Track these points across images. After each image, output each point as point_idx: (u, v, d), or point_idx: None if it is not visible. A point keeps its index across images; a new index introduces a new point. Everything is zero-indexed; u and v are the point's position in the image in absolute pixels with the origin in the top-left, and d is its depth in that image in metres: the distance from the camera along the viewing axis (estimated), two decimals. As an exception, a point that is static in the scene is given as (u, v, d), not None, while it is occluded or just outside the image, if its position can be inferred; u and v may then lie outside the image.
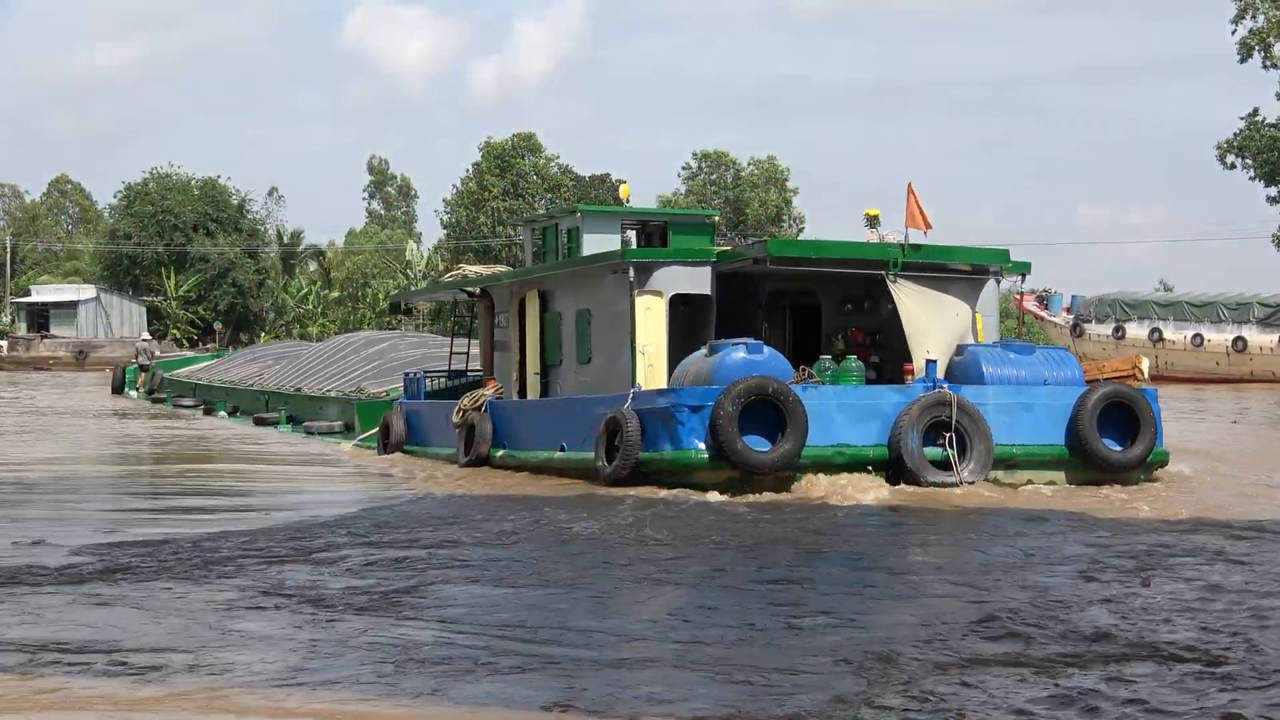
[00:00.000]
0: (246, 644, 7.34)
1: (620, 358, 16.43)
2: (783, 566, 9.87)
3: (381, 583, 9.11)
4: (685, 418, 14.08)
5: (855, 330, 18.03)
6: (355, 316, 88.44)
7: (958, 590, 8.81)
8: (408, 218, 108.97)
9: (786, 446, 13.79)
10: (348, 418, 27.21)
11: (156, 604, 8.40)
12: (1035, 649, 7.02)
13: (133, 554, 10.41)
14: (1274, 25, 63.25)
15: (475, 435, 18.09)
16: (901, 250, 16.18)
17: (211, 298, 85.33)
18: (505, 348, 19.88)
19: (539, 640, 7.34)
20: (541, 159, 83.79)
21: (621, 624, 7.98)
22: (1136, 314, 55.76)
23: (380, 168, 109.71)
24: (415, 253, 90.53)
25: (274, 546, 10.83)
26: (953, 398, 14.30)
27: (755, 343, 14.88)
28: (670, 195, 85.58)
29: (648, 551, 10.59)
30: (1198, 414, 29.31)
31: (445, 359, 27.25)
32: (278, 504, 14.85)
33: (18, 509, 14.07)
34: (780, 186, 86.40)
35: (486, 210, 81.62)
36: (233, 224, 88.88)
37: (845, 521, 12.22)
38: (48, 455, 21.42)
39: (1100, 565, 9.69)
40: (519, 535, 11.62)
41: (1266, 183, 66.18)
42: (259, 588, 8.97)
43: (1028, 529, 11.67)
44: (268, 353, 45.04)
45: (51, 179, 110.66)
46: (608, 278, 16.86)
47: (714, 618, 7.93)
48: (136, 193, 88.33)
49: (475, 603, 8.49)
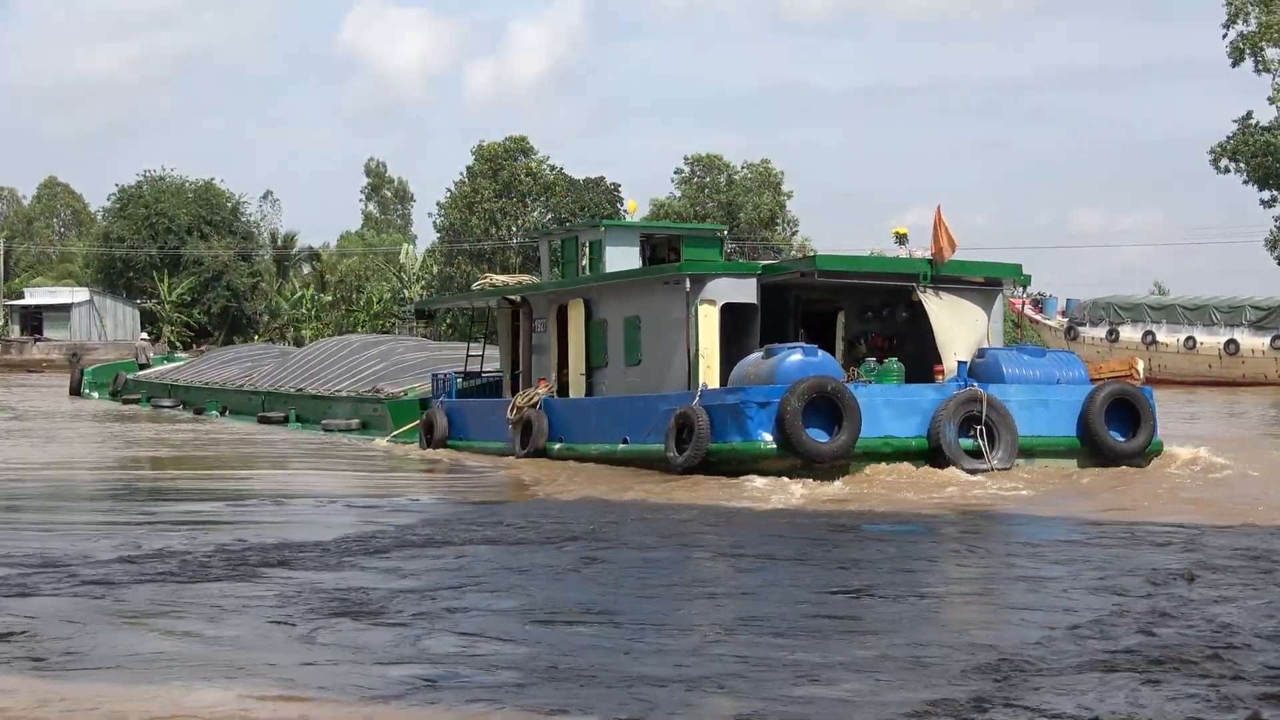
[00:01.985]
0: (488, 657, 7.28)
1: (673, 360, 18.67)
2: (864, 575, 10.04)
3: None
4: (753, 413, 16.33)
5: (875, 335, 20.43)
6: (349, 320, 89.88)
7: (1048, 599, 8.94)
8: (405, 221, 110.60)
9: (844, 438, 16.08)
10: (362, 415, 29.68)
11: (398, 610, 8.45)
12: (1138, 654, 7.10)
13: (305, 553, 10.72)
14: (1265, 29, 64.28)
15: (533, 430, 20.26)
16: (930, 264, 18.72)
17: (205, 301, 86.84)
18: (543, 351, 22.09)
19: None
20: (534, 161, 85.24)
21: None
22: (1130, 317, 56.73)
23: (378, 170, 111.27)
24: (410, 255, 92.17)
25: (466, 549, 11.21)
26: (983, 395, 16.70)
27: (810, 346, 17.24)
28: (665, 199, 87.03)
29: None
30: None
31: (445, 362, 30.31)
32: (403, 506, 15.27)
33: (114, 516, 14.16)
34: (774, 190, 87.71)
35: (479, 212, 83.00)
36: (227, 227, 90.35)
37: (894, 546, 11.93)
38: (101, 460, 22.35)
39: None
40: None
41: (1260, 186, 67.42)
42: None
43: (1072, 535, 12.06)
44: (241, 356, 47.00)
45: (41, 181, 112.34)
46: (659, 288, 19.07)
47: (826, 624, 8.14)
48: (130, 195, 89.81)
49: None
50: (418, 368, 31.53)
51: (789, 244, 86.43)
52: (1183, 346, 54.69)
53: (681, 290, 18.36)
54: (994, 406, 16.67)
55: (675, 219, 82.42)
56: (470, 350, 27.29)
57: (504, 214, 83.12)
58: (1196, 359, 54.21)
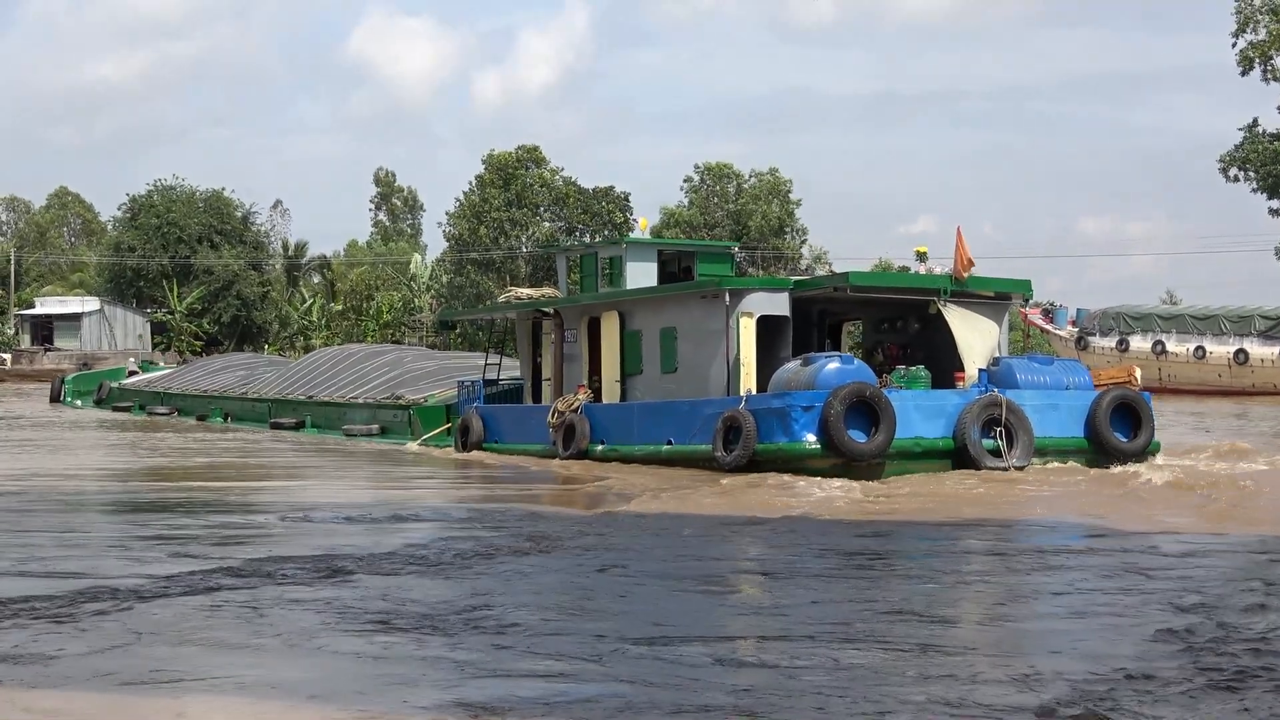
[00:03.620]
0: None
1: (711, 367, 20.69)
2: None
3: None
4: (798, 415, 18.27)
5: (890, 345, 22.79)
6: (359, 329, 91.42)
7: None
8: (414, 230, 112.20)
9: (880, 438, 17.99)
10: (381, 421, 31.77)
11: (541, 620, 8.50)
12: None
13: (407, 560, 10.86)
14: (1274, 39, 65.44)
15: (575, 433, 22.09)
16: (950, 280, 20.83)
17: (215, 310, 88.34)
18: (573, 360, 24.09)
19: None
20: (546, 171, 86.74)
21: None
22: (1140, 326, 57.71)
23: (387, 179, 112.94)
24: (420, 265, 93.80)
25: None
26: (1003, 400, 18.67)
27: (846, 355, 19.34)
28: (674, 208, 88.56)
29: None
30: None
31: (454, 371, 32.74)
32: (486, 511, 15.53)
33: (180, 530, 13.67)
34: (783, 198, 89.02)
35: (488, 222, 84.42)
36: (237, 236, 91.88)
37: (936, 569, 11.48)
38: (158, 469, 22.69)
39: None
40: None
41: (1269, 195, 68.45)
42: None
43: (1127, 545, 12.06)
44: (231, 365, 49.10)
45: (51, 191, 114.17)
46: (696, 301, 21.06)
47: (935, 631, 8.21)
48: (140, 205, 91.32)
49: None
50: (430, 376, 33.58)
51: (798, 252, 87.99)
52: (1192, 356, 55.71)
53: (722, 303, 20.33)
54: (1012, 410, 18.62)
55: (684, 228, 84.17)
56: (488, 359, 29.21)
57: (513, 223, 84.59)
58: (1206, 368, 55.18)
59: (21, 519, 14.66)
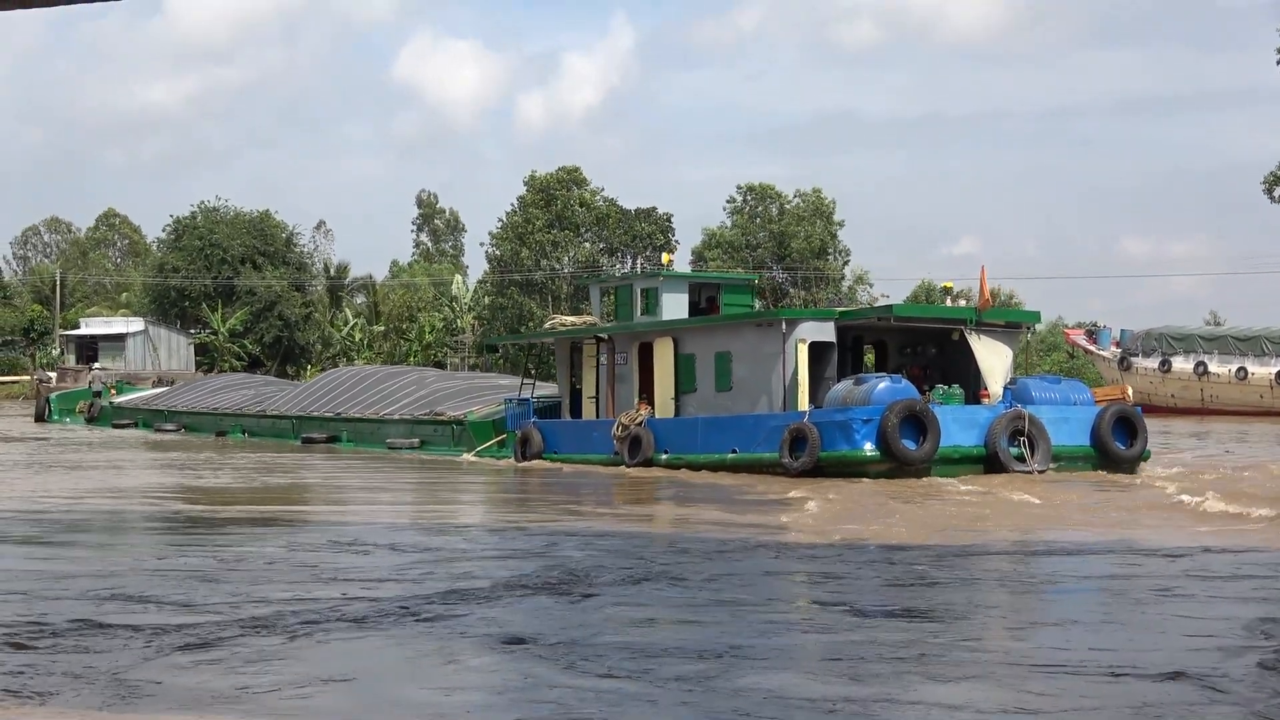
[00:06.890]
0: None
1: (767, 386, 24.58)
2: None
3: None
4: (859, 427, 22.21)
5: (912, 367, 26.88)
6: (401, 350, 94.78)
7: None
8: (456, 251, 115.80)
9: (928, 446, 21.97)
10: (420, 435, 35.55)
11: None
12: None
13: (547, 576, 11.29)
14: None
15: (642, 444, 25.83)
16: (975, 312, 25.07)
17: (258, 330, 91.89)
18: (625, 380, 28.07)
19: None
20: (587, 192, 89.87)
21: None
22: (1182, 347, 60.26)
23: (429, 201, 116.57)
24: (461, 287, 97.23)
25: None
26: (1026, 413, 22.68)
27: (895, 375, 23.35)
28: (716, 229, 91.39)
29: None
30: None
31: (482, 390, 37.41)
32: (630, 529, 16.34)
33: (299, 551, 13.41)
34: (826, 219, 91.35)
35: (530, 244, 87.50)
36: (280, 257, 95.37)
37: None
38: (257, 488, 22.84)
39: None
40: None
41: (1315, 216, 71.44)
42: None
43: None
44: (233, 384, 53.19)
45: (99, 213, 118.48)
46: (751, 329, 25.06)
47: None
48: (184, 226, 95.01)
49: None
50: (460, 394, 37.59)
51: (840, 274, 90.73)
52: (1234, 377, 58.25)
53: (778, 330, 24.33)
54: (1034, 422, 22.64)
55: (726, 249, 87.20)
56: (524, 380, 33.58)
57: (555, 245, 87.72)
58: (1248, 389, 57.76)
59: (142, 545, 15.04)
